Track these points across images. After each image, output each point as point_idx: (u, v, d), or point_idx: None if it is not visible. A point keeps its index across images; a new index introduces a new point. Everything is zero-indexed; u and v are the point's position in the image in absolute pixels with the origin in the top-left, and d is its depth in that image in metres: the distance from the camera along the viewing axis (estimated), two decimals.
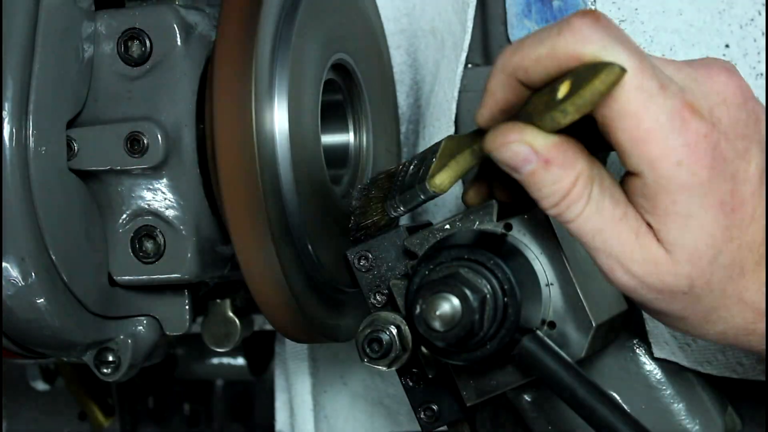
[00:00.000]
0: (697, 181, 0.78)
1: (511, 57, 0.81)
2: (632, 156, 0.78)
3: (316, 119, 0.99)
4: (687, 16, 1.04)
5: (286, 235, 0.92)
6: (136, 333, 1.02)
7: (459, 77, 1.12)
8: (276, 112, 0.92)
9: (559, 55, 0.78)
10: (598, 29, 0.78)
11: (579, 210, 0.79)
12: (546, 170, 0.79)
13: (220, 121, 0.88)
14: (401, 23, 1.20)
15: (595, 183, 0.79)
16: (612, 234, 0.80)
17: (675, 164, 0.77)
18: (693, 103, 0.78)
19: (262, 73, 0.90)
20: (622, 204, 0.80)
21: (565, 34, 0.78)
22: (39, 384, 1.45)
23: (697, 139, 0.78)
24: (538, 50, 0.79)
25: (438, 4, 1.16)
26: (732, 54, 1.02)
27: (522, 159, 0.79)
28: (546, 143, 0.78)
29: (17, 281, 0.91)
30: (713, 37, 1.03)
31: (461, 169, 0.88)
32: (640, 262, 0.80)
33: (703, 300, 0.82)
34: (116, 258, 0.98)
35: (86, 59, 0.96)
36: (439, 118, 1.13)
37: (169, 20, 0.96)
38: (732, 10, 1.02)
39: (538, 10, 1.11)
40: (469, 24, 1.11)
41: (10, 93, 0.90)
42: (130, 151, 0.94)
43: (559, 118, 0.77)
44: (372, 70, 1.12)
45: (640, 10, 1.05)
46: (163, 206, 0.97)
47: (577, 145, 0.80)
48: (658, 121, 0.77)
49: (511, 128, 0.79)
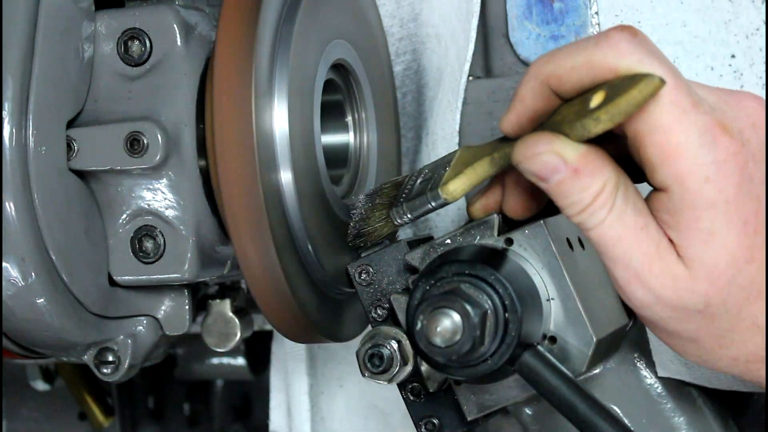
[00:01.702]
0: (723, 198, 0.78)
1: (546, 64, 0.81)
2: (661, 171, 0.78)
3: (316, 119, 0.99)
4: (691, 27, 1.03)
5: (286, 235, 0.92)
6: (136, 333, 1.02)
7: (463, 87, 1.12)
8: (276, 112, 0.92)
9: (595, 65, 0.78)
10: (636, 43, 0.78)
11: (602, 217, 0.79)
12: (574, 179, 0.78)
13: (220, 121, 0.88)
14: (408, 28, 1.20)
15: (620, 192, 0.79)
16: (632, 243, 0.79)
17: (703, 180, 0.77)
18: (724, 122, 0.78)
19: (262, 73, 0.91)
20: (645, 215, 0.80)
21: (603, 45, 0.78)
22: (39, 384, 1.45)
23: (727, 157, 0.78)
24: (574, 59, 0.79)
25: (442, 11, 1.16)
26: (738, 64, 1.02)
27: (551, 169, 0.78)
28: (575, 153, 0.78)
29: (17, 281, 0.91)
30: (719, 47, 1.03)
31: (477, 177, 0.87)
32: (658, 275, 0.79)
33: (717, 321, 0.81)
34: (116, 258, 0.98)
35: (86, 59, 0.96)
36: (443, 127, 1.14)
37: (169, 20, 0.96)
38: (738, 20, 1.02)
39: (538, 11, 1.11)
40: (472, 34, 1.11)
41: (10, 93, 0.90)
42: (130, 151, 0.94)
43: (591, 126, 0.77)
44: (372, 70, 1.12)
45: (643, 23, 1.05)
46: (163, 206, 0.97)
47: (604, 154, 0.79)
48: (689, 137, 0.77)
49: (539, 138, 0.79)
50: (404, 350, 0.89)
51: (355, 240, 0.95)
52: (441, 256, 0.88)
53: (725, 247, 0.79)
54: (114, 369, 1.01)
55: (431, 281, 0.85)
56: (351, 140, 1.11)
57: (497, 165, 0.86)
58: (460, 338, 0.81)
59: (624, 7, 1.06)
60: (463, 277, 0.84)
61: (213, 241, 0.99)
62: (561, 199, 0.80)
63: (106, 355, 1.01)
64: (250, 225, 0.88)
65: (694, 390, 1.02)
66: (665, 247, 0.80)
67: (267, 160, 0.90)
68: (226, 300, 1.12)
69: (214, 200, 0.97)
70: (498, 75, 1.14)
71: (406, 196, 0.91)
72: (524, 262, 0.87)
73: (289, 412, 1.28)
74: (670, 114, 0.77)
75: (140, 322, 1.02)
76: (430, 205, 0.89)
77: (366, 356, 0.90)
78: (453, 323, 0.81)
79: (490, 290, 0.83)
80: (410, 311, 0.84)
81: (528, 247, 0.87)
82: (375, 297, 0.93)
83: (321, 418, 1.28)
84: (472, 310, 0.81)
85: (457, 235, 0.89)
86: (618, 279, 0.81)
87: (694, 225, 0.78)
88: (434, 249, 0.89)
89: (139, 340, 1.02)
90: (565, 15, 1.10)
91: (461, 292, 0.83)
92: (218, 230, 1.00)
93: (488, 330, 0.82)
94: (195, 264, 0.97)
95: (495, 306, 0.83)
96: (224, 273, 1.02)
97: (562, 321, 0.87)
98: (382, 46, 1.17)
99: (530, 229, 0.87)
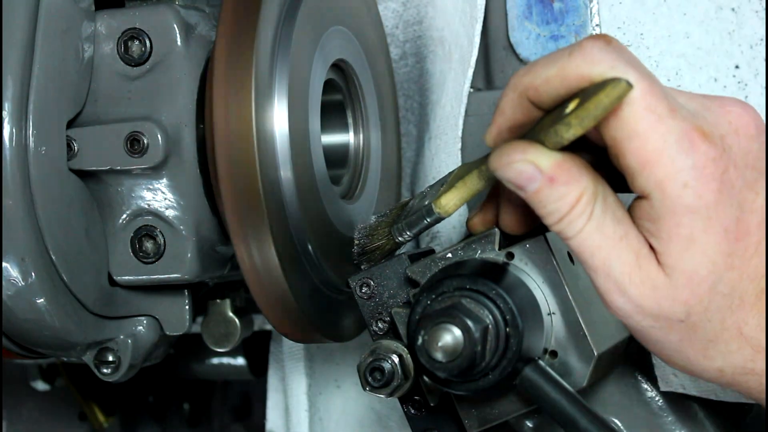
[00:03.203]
0: (703, 204, 0.77)
1: (523, 77, 0.81)
2: (640, 177, 0.78)
3: (316, 119, 0.99)
4: (694, 38, 1.03)
5: (286, 235, 0.92)
6: (136, 333, 1.02)
7: (466, 93, 1.12)
8: (276, 112, 0.92)
9: (568, 75, 0.78)
10: (609, 51, 0.78)
11: (580, 226, 0.79)
12: (550, 188, 0.78)
13: (220, 120, 0.88)
14: (413, 30, 1.20)
15: (598, 200, 0.79)
16: (611, 253, 0.79)
17: (681, 185, 0.77)
18: (703, 128, 0.78)
19: (262, 73, 0.90)
20: (625, 224, 0.80)
21: (576, 55, 0.78)
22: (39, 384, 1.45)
23: (706, 163, 0.77)
24: (548, 71, 0.79)
25: (446, 15, 1.16)
26: (742, 75, 1.02)
27: (526, 177, 0.78)
28: (550, 161, 0.78)
29: (17, 281, 0.91)
30: (722, 58, 1.03)
31: (468, 190, 0.87)
32: (638, 284, 0.79)
33: (701, 330, 0.81)
34: (116, 258, 0.98)
35: (86, 59, 0.96)
36: (446, 132, 1.14)
37: (169, 20, 0.96)
38: (742, 30, 1.02)
39: (538, 11, 1.11)
40: (476, 40, 1.11)
41: (10, 93, 0.90)
42: (130, 151, 0.94)
43: (563, 131, 0.77)
44: (372, 70, 1.12)
45: (646, 35, 1.05)
46: (163, 206, 0.97)
47: (581, 162, 0.79)
48: (666, 142, 0.77)
49: (515, 147, 0.79)
50: (405, 364, 0.89)
51: (359, 258, 0.95)
52: (442, 270, 0.88)
53: (705, 254, 0.78)
54: (114, 369, 1.01)
55: (432, 296, 0.84)
56: (351, 140, 1.11)
57: (485, 177, 0.86)
58: (462, 353, 0.81)
59: (626, 20, 1.06)
60: (464, 292, 0.84)
61: (213, 241, 0.99)
62: (539, 208, 0.79)
63: (106, 355, 1.01)
64: (250, 225, 0.88)
65: (695, 403, 1.02)
66: (645, 256, 0.79)
67: (267, 160, 0.90)
68: (226, 300, 1.12)
69: (214, 200, 0.97)
70: (499, 87, 1.14)
71: (406, 214, 0.91)
72: (525, 276, 0.87)
73: (287, 411, 1.28)
74: (646, 120, 0.77)
75: (140, 322, 1.02)
76: (426, 221, 0.89)
77: (367, 370, 0.90)
78: (454, 338, 0.81)
79: (491, 305, 0.83)
80: (411, 326, 0.84)
81: (529, 261, 0.87)
82: (376, 310, 0.93)
83: (319, 419, 1.28)
84: (473, 325, 0.81)
85: (458, 249, 0.89)
86: (599, 288, 0.81)
87: (675, 231, 0.78)
88: (435, 263, 0.89)
89: (139, 340, 1.02)
90: (565, 15, 1.10)
91: (462, 307, 0.82)
92: (218, 230, 1.00)
93: (489, 345, 0.82)
94: (195, 264, 0.97)
95: (496, 320, 0.83)
96: (224, 273, 1.02)
97: (563, 335, 0.87)
98: (382, 45, 1.17)
99: (531, 243, 0.87)
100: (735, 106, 0.81)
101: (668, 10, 1.05)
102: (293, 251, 0.93)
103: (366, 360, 0.90)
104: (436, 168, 1.15)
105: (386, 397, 0.90)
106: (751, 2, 1.03)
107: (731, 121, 0.80)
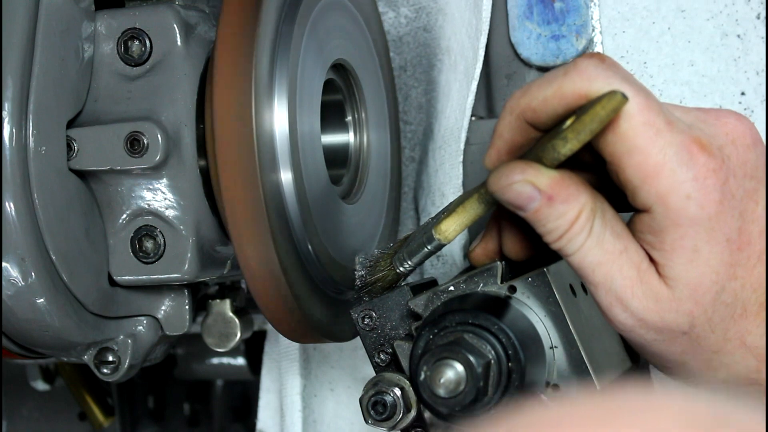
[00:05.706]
0: (706, 215, 0.77)
1: (520, 99, 0.82)
2: (641, 191, 0.78)
3: (316, 119, 0.99)
4: (699, 66, 1.03)
5: (286, 235, 0.92)
6: (136, 333, 1.02)
7: (470, 105, 1.12)
8: (276, 112, 0.92)
9: (566, 93, 0.79)
10: (604, 68, 0.78)
11: (580, 243, 0.79)
12: (549, 206, 0.78)
13: (220, 120, 0.88)
14: (422, 37, 1.20)
15: (597, 216, 0.79)
16: (612, 268, 0.79)
17: (684, 197, 0.77)
18: (701, 139, 0.78)
19: (262, 73, 0.90)
20: (624, 238, 0.80)
21: (572, 73, 0.79)
22: (39, 384, 1.45)
23: (706, 174, 0.77)
24: (545, 91, 0.80)
25: (454, 25, 1.16)
26: (749, 101, 1.02)
27: (526, 198, 0.79)
28: (548, 180, 0.78)
29: (17, 281, 0.91)
30: (728, 85, 1.03)
31: (468, 215, 0.87)
32: (640, 297, 0.79)
33: (704, 342, 0.81)
34: (116, 258, 0.98)
35: (86, 59, 0.96)
36: (450, 143, 1.14)
37: (169, 20, 0.96)
38: (748, 56, 1.02)
39: (539, 11, 1.11)
40: (480, 52, 1.11)
41: (10, 93, 0.90)
42: (130, 151, 0.94)
43: (560, 147, 0.77)
44: (372, 70, 1.12)
45: (649, 64, 1.05)
46: (163, 206, 0.97)
47: (579, 179, 0.80)
48: (666, 156, 0.77)
49: (512, 168, 0.79)
50: (407, 397, 0.89)
51: (361, 289, 0.94)
52: (444, 304, 0.88)
53: (709, 265, 0.78)
54: (114, 369, 1.01)
55: (434, 330, 0.84)
56: (351, 140, 1.11)
57: (485, 200, 0.86)
58: (464, 389, 0.81)
59: (629, 48, 1.06)
60: (467, 327, 0.83)
61: (213, 241, 0.99)
62: (539, 226, 0.80)
63: (106, 355, 1.01)
64: (250, 225, 0.88)
65: None
66: (646, 269, 0.79)
67: (267, 160, 0.90)
68: (226, 300, 1.12)
69: (214, 200, 0.97)
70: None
71: (407, 244, 0.91)
72: (527, 310, 0.87)
73: (281, 411, 1.28)
74: (644, 134, 0.77)
75: (140, 322, 1.02)
76: (427, 248, 0.89)
77: (369, 403, 0.89)
78: (456, 374, 0.81)
79: (493, 340, 0.83)
80: (413, 362, 0.84)
81: (531, 295, 0.87)
82: (378, 342, 0.92)
83: (313, 421, 1.28)
84: (475, 361, 0.81)
85: (461, 282, 0.89)
86: (600, 303, 0.81)
87: (678, 243, 0.78)
88: (437, 296, 0.89)
89: (139, 340, 1.02)
90: (566, 15, 1.10)
91: (464, 342, 0.82)
92: (218, 230, 1.00)
93: (492, 380, 0.82)
94: (195, 264, 0.97)
95: (498, 355, 0.83)
96: (224, 273, 1.02)
97: (565, 369, 0.87)
98: (382, 45, 1.17)
99: (533, 276, 0.87)
100: (730, 117, 0.81)
101: (672, 39, 1.05)
102: (293, 251, 0.93)
103: (368, 393, 0.90)
104: (440, 179, 1.15)
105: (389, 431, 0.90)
106: (757, 29, 1.03)
107: (728, 132, 0.80)
